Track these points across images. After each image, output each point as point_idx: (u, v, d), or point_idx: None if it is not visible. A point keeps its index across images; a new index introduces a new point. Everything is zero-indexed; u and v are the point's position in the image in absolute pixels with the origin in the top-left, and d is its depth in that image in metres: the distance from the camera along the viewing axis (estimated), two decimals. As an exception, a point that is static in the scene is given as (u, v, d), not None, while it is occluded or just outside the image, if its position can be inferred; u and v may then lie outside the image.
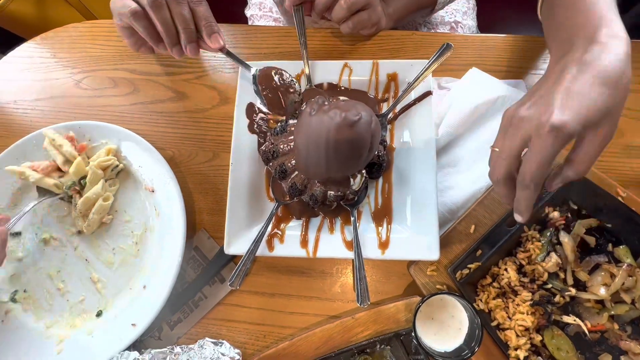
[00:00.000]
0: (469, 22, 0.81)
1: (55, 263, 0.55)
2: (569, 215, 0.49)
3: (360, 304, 0.45)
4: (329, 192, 0.48)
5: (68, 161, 0.55)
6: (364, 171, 0.49)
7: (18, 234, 0.56)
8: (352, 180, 0.48)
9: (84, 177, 0.54)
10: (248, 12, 0.90)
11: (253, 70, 0.54)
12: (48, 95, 0.64)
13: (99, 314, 0.52)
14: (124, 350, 0.48)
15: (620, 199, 0.48)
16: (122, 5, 0.47)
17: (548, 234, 0.49)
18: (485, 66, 0.57)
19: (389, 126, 0.55)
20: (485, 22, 0.87)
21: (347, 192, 0.48)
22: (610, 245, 0.48)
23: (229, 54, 0.52)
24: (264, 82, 0.52)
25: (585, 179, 0.48)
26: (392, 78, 0.55)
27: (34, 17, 0.81)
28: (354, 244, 0.48)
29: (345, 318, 0.49)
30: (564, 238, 0.48)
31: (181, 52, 0.50)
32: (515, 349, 0.45)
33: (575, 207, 0.49)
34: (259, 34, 0.64)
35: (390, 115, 0.54)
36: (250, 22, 0.88)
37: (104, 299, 0.53)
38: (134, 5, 0.46)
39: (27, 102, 0.64)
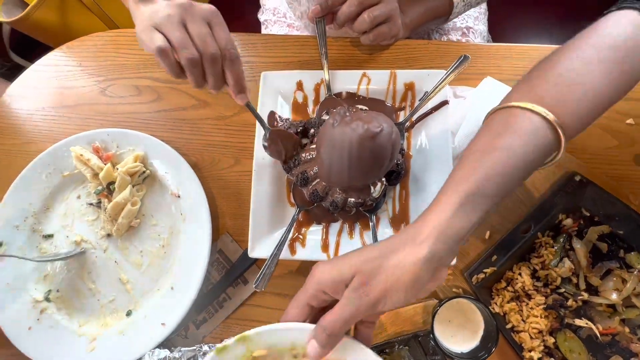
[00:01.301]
0: (481, 27, 0.82)
1: (86, 265, 0.58)
2: (582, 222, 0.51)
3: None
4: (349, 199, 0.50)
5: (96, 175, 0.57)
6: (384, 179, 0.50)
7: (50, 236, 0.59)
8: (372, 188, 0.50)
9: (113, 183, 0.57)
10: (261, 17, 0.92)
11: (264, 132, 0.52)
12: (75, 103, 0.67)
13: (128, 314, 0.55)
14: (155, 348, 0.51)
15: (632, 206, 0.49)
16: (150, 39, 0.42)
17: (561, 240, 0.50)
18: (500, 75, 0.59)
19: (406, 134, 0.57)
20: (496, 27, 0.88)
21: (367, 199, 0.50)
22: (622, 251, 0.49)
23: (248, 105, 0.50)
24: (272, 140, 0.52)
25: (598, 187, 0.50)
26: (409, 87, 0.57)
27: (57, 24, 0.83)
28: (374, 249, 0.50)
29: (365, 319, 0.51)
30: (577, 244, 0.49)
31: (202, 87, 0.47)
32: (530, 351, 0.47)
33: (588, 214, 0.51)
34: (279, 42, 0.65)
35: (407, 123, 0.56)
36: (263, 27, 0.89)
37: (133, 299, 0.56)
38: (161, 43, 0.41)
39: (54, 110, 0.67)
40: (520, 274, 0.50)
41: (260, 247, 0.53)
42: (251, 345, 0.35)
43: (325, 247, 0.53)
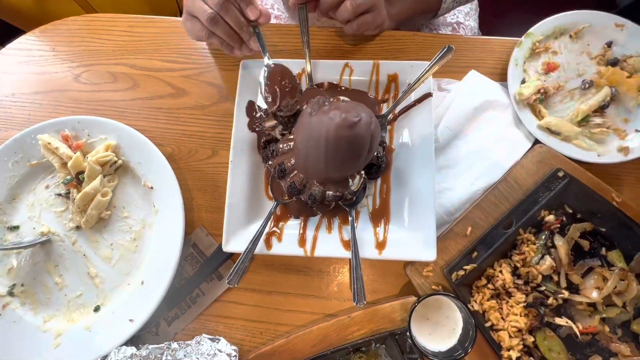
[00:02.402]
0: (471, 23, 0.81)
1: (53, 257, 0.55)
2: (564, 218, 0.50)
3: (356, 304, 0.46)
4: (327, 192, 0.48)
5: (65, 164, 0.55)
6: (362, 172, 0.49)
7: (16, 227, 0.56)
8: (350, 180, 0.48)
9: (82, 173, 0.54)
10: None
11: (266, 60, 0.52)
12: (47, 89, 0.64)
13: (96, 309, 0.53)
14: (121, 346, 0.49)
15: (615, 204, 0.48)
16: (201, 10, 0.47)
17: (543, 237, 0.49)
18: (485, 69, 0.57)
19: (388, 127, 0.55)
20: (487, 24, 0.87)
21: (346, 193, 0.48)
22: (603, 249, 0.48)
23: (258, 34, 0.52)
24: (272, 77, 0.52)
25: (581, 184, 0.49)
26: (393, 79, 0.56)
27: (33, 8, 0.80)
28: (352, 244, 0.49)
29: (342, 317, 0.49)
30: (559, 241, 0.48)
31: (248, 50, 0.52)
32: (508, 350, 0.46)
33: (571, 211, 0.50)
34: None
35: (390, 116, 0.55)
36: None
37: (102, 294, 0.53)
38: (209, 10, 0.47)
39: (25, 96, 0.64)
40: (501, 272, 0.49)
41: (235, 241, 0.51)
42: None
43: (302, 241, 0.51)
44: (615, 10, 0.59)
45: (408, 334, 0.44)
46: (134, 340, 0.51)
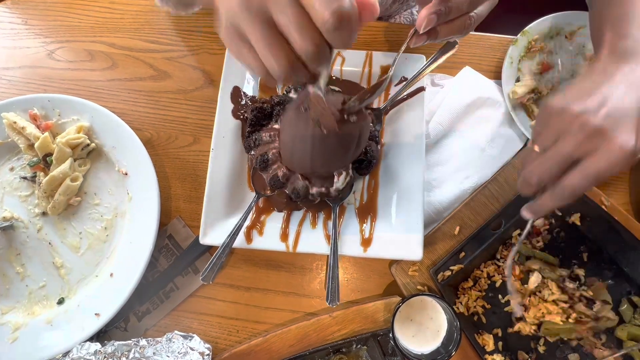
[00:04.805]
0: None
1: (14, 245, 0.51)
2: (553, 221, 0.49)
3: (329, 304, 0.44)
4: (312, 188, 0.46)
5: (32, 145, 0.51)
6: (350, 170, 0.47)
7: (-25, 212, 0.52)
8: (336, 177, 0.46)
9: (50, 155, 0.51)
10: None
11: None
12: (17, 65, 0.59)
13: (60, 302, 0.49)
14: (85, 342, 0.45)
15: (604, 207, 0.47)
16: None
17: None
18: (480, 66, 0.56)
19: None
20: (483, 20, 0.86)
21: (331, 190, 0.46)
22: (585, 255, 0.48)
23: None
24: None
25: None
26: (386, 71, 0.54)
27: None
28: (331, 241, 0.47)
29: (323, 316, 0.47)
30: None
31: None
32: (491, 354, 0.44)
33: (560, 214, 0.49)
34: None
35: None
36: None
37: (67, 286, 0.50)
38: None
39: (-7, 71, 0.59)
40: (487, 274, 0.47)
41: (214, 234, 0.48)
42: None
43: (284, 236, 0.48)
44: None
45: (391, 335, 0.43)
46: (100, 336, 0.48)
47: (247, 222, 0.48)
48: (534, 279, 0.45)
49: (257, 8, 0.26)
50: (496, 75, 0.56)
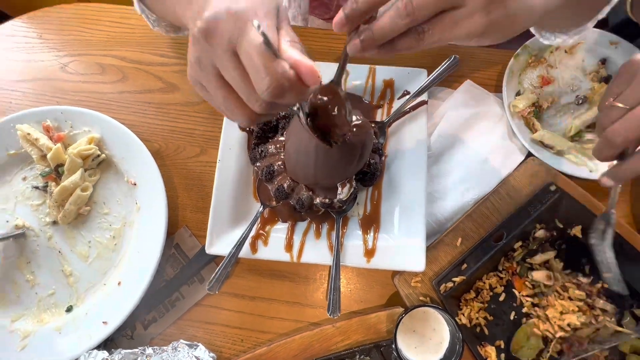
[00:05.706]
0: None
1: (25, 253, 0.52)
2: (555, 233, 0.49)
3: (330, 315, 0.45)
4: (317, 198, 0.47)
5: (44, 156, 0.52)
6: (353, 182, 0.48)
7: (-12, 220, 0.53)
8: (340, 189, 0.47)
9: (62, 165, 0.52)
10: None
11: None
12: (31, 77, 0.61)
13: (69, 310, 0.50)
14: (93, 349, 0.46)
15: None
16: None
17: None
18: (481, 79, 0.57)
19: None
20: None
21: (335, 201, 0.47)
22: (587, 268, 0.48)
23: None
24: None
25: (572, 199, 0.49)
26: (388, 84, 0.55)
27: (22, -6, 0.77)
28: (334, 253, 0.47)
29: (326, 326, 0.47)
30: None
31: None
32: (495, 366, 0.45)
33: (561, 226, 0.50)
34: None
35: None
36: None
37: (76, 294, 0.51)
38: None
39: (7, 83, 0.61)
40: (490, 286, 0.48)
41: (220, 244, 0.49)
42: None
43: (289, 246, 0.49)
44: (607, 28, 0.59)
45: (393, 346, 0.43)
46: (107, 344, 0.49)
47: (252, 233, 0.49)
48: (540, 274, 0.46)
49: (208, 65, 0.27)
50: (497, 89, 0.57)
